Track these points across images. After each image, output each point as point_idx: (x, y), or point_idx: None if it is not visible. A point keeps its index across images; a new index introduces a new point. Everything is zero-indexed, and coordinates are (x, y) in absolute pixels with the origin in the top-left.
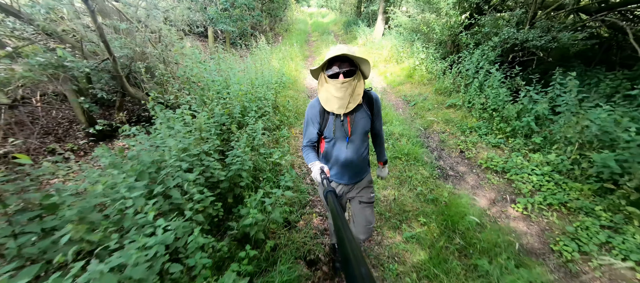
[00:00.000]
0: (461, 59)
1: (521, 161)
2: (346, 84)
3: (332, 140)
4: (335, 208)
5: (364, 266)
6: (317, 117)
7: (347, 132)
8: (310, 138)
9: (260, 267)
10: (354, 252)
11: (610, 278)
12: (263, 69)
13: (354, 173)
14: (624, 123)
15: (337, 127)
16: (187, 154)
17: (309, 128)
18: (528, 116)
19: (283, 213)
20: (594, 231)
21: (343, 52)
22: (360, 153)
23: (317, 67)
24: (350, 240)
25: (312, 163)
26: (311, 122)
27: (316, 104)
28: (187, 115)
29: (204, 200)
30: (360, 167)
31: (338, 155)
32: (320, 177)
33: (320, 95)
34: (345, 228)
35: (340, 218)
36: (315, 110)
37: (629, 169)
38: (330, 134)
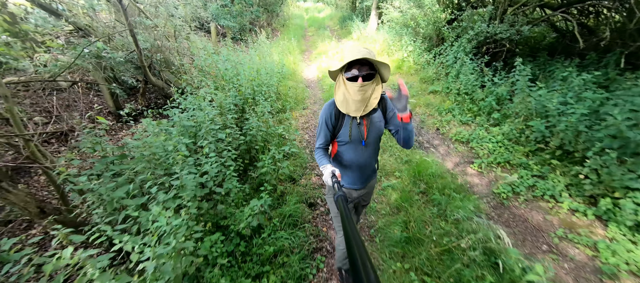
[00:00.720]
0: (443, 51)
1: (483, 133)
2: (365, 87)
3: (346, 143)
4: (345, 213)
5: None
6: (332, 119)
7: (363, 135)
8: (324, 139)
9: (273, 204)
10: (362, 257)
11: (531, 208)
12: (265, 61)
13: (367, 177)
14: (554, 98)
15: (353, 129)
16: (215, 122)
17: (324, 129)
18: (490, 97)
19: (288, 168)
20: (526, 179)
21: (363, 56)
22: (374, 158)
23: (336, 69)
24: (359, 245)
25: (324, 166)
26: (326, 124)
27: (331, 105)
28: (211, 93)
29: (232, 152)
30: (373, 170)
31: (354, 158)
32: (332, 180)
33: (337, 97)
34: (354, 233)
35: (349, 223)
36: (330, 111)
37: (554, 132)
38: (345, 136)
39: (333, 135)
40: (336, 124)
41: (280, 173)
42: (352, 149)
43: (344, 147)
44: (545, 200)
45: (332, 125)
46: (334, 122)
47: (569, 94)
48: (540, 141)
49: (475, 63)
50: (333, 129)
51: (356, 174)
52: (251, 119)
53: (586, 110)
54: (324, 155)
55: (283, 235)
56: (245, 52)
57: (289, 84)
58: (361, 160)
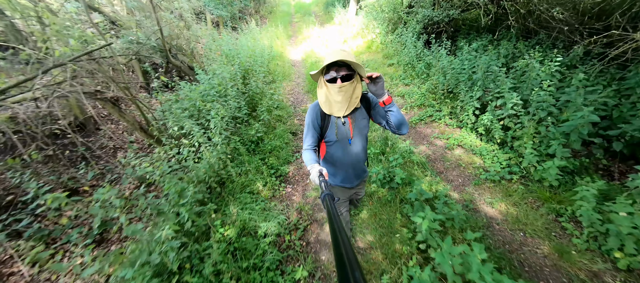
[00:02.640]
0: (402, 31)
1: (415, 90)
2: (344, 87)
3: (334, 142)
4: (332, 211)
5: (357, 270)
6: (318, 120)
7: (349, 133)
8: (311, 141)
9: (268, 130)
10: (348, 256)
11: (427, 127)
12: (256, 45)
13: (357, 174)
14: (455, 62)
15: (339, 129)
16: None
17: (310, 131)
18: (421, 64)
19: (278, 112)
20: (429, 111)
21: (339, 58)
22: (362, 155)
23: (317, 71)
24: (346, 244)
25: (311, 166)
26: (312, 125)
27: (316, 106)
28: (224, 65)
29: (243, 100)
30: (362, 168)
31: (342, 157)
32: (319, 179)
33: (320, 98)
34: (340, 231)
35: (336, 221)
36: (316, 112)
37: (454, 83)
38: (332, 136)
39: (320, 136)
40: (322, 124)
41: (272, 116)
42: (340, 148)
43: (332, 146)
44: (436, 121)
45: (319, 126)
46: (320, 123)
47: (464, 59)
48: (449, 90)
49: (416, 40)
50: (320, 129)
51: (348, 172)
52: (252, 81)
53: (465, 67)
54: (311, 156)
55: (276, 142)
56: (238, 39)
57: (277, 62)
58: (350, 158)
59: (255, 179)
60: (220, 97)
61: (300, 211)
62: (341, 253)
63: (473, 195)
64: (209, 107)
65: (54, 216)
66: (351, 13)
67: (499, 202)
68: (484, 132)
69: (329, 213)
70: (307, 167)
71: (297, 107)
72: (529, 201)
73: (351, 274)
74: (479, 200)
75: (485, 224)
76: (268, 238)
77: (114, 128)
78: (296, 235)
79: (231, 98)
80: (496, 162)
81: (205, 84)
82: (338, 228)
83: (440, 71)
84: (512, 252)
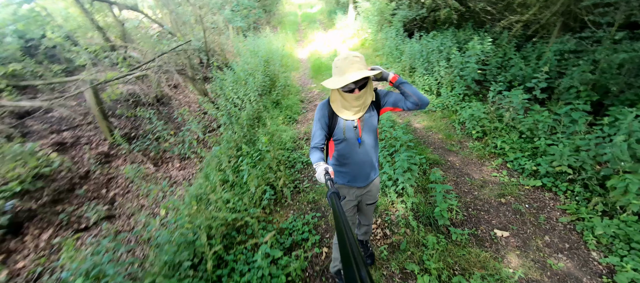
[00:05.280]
0: (386, 30)
1: (392, 70)
2: (361, 93)
3: (342, 141)
4: (338, 210)
5: (363, 269)
6: (326, 119)
7: (358, 133)
8: (318, 139)
9: (283, 97)
10: (354, 255)
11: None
12: (271, 46)
13: (366, 174)
14: (415, 46)
15: (347, 128)
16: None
17: (318, 129)
18: (396, 52)
19: (290, 88)
20: None
21: (364, 75)
22: (372, 154)
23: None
24: (351, 243)
25: (316, 164)
26: (320, 124)
27: (325, 105)
28: (250, 57)
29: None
30: (372, 167)
31: (351, 155)
32: (325, 178)
33: (334, 104)
34: (347, 230)
35: (342, 220)
36: (324, 111)
37: (414, 61)
38: (340, 135)
39: (329, 134)
40: (330, 123)
41: (285, 90)
42: (348, 147)
43: (341, 145)
44: None
45: (327, 125)
46: (328, 122)
47: (428, 43)
48: (407, 67)
49: (395, 35)
50: (328, 128)
51: (355, 171)
52: (270, 67)
53: (421, 49)
54: (317, 154)
55: (290, 101)
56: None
57: (287, 60)
58: (359, 157)
59: (278, 115)
60: (250, 76)
61: (304, 134)
62: (347, 251)
63: (411, 120)
64: (245, 81)
65: (164, 140)
66: (350, 18)
67: (423, 122)
68: (428, 89)
69: (335, 211)
70: (313, 164)
71: (304, 86)
72: (441, 119)
73: (358, 272)
74: (413, 121)
75: (413, 130)
76: (289, 139)
77: (178, 103)
78: (303, 141)
79: (258, 75)
80: (430, 104)
81: (239, 68)
82: (344, 226)
83: (407, 54)
84: (424, 137)
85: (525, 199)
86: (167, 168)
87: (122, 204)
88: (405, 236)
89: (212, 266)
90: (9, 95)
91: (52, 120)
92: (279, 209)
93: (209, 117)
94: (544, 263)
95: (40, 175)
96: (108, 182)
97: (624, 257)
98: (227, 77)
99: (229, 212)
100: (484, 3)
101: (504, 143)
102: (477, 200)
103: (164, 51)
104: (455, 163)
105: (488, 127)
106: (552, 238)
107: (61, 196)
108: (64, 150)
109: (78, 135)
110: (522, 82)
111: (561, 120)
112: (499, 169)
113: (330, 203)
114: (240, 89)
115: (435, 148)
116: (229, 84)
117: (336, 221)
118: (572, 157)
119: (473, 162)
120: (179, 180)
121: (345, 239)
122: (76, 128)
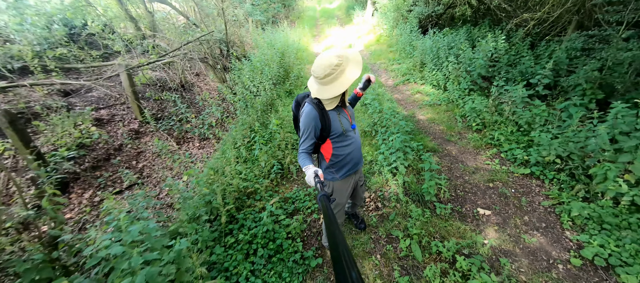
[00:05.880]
0: (402, 27)
1: (403, 66)
2: None
3: (340, 135)
4: (329, 212)
5: (354, 269)
6: (318, 122)
7: (350, 120)
8: (308, 145)
9: (296, 87)
10: (345, 256)
11: (405, 86)
12: (288, 40)
13: (361, 156)
14: (427, 42)
15: (342, 120)
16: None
17: (310, 134)
18: (409, 48)
19: (303, 79)
20: (406, 78)
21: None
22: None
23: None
24: (343, 244)
25: (306, 167)
26: (314, 128)
27: (314, 110)
28: (267, 49)
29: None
30: None
31: (350, 145)
32: (314, 180)
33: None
34: (337, 231)
35: (333, 222)
36: (314, 114)
37: (419, 55)
38: (338, 128)
39: (326, 134)
40: (324, 125)
41: (297, 81)
42: (347, 137)
43: (339, 139)
44: (411, 82)
45: (320, 129)
46: (321, 126)
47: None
48: (418, 63)
49: (409, 31)
50: (322, 130)
51: (356, 156)
52: (286, 59)
53: (432, 45)
54: (307, 158)
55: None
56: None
57: (302, 53)
58: (356, 142)
59: (290, 103)
60: (266, 66)
61: None
62: (338, 253)
63: (415, 112)
64: (261, 71)
65: (186, 122)
66: (368, 14)
67: (427, 114)
68: (436, 84)
69: (326, 213)
70: (302, 168)
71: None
72: (445, 112)
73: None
74: (418, 113)
75: (416, 121)
76: None
77: (199, 90)
78: None
79: (273, 66)
80: (434, 97)
81: (256, 59)
82: (335, 228)
83: (419, 51)
84: (425, 128)
85: (512, 185)
86: (188, 147)
87: (149, 174)
88: (394, 209)
89: (225, 221)
90: (57, 75)
91: (92, 99)
92: (284, 182)
93: (227, 103)
94: (519, 237)
95: (82, 144)
96: (138, 155)
97: (594, 236)
98: (245, 67)
99: (241, 181)
100: (499, 0)
101: (501, 135)
102: (467, 183)
103: (188, 41)
104: (452, 151)
105: (488, 119)
106: (531, 219)
107: (99, 163)
108: (102, 125)
109: (113, 113)
110: (525, 78)
111: (558, 115)
112: (492, 158)
113: (321, 206)
114: (256, 78)
115: (435, 138)
116: (247, 73)
117: (327, 223)
118: (561, 148)
119: (469, 152)
120: (199, 157)
121: (336, 241)
122: (111, 107)
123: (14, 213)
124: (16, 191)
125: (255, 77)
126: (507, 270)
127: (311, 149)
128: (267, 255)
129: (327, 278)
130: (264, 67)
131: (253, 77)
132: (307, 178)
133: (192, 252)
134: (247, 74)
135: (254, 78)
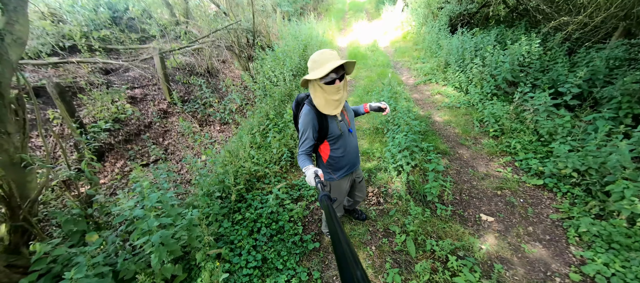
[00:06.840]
0: (430, 24)
1: (427, 66)
2: (342, 85)
3: (338, 137)
4: (331, 212)
5: (359, 268)
6: (315, 123)
7: (347, 123)
8: (307, 146)
9: None
10: (349, 254)
11: (425, 86)
12: (312, 31)
13: (358, 156)
14: (453, 42)
15: (339, 123)
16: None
17: (309, 135)
18: (435, 46)
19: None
20: (428, 78)
21: (341, 63)
22: (355, 136)
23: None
24: (346, 243)
25: (306, 168)
26: (312, 130)
27: (310, 113)
28: (291, 40)
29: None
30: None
31: (347, 147)
32: (315, 181)
33: (317, 101)
34: (340, 230)
35: (335, 221)
36: (312, 116)
37: (443, 55)
38: (335, 131)
39: (324, 136)
40: (321, 126)
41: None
42: (344, 140)
43: (336, 141)
44: (432, 82)
45: (317, 130)
46: (318, 127)
47: (466, 40)
48: (443, 63)
49: (438, 30)
50: (320, 131)
51: (352, 158)
52: (309, 51)
53: (459, 45)
54: (306, 159)
55: None
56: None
57: (327, 47)
58: (352, 144)
59: None
60: (287, 57)
61: None
62: (342, 252)
63: (433, 113)
64: (283, 62)
65: (209, 106)
66: (397, 9)
67: (445, 116)
68: (458, 86)
69: (327, 213)
70: (302, 169)
71: None
72: (464, 115)
73: (353, 273)
74: (435, 115)
75: (432, 122)
76: None
77: (224, 76)
78: None
79: (295, 57)
80: (453, 99)
81: (279, 50)
82: (338, 227)
83: (445, 50)
84: (440, 130)
85: (522, 194)
86: (210, 130)
87: (173, 152)
88: (395, 206)
89: (235, 199)
90: (100, 54)
91: (128, 78)
92: (293, 170)
93: (248, 90)
94: (519, 246)
95: (118, 119)
96: (164, 133)
97: (600, 254)
98: (268, 57)
99: (253, 164)
100: (538, 0)
101: (518, 143)
102: (474, 188)
103: (217, 29)
104: (464, 155)
105: (507, 126)
106: (536, 230)
107: (131, 138)
108: (135, 103)
109: (146, 92)
110: (552, 86)
111: (584, 127)
112: (505, 166)
113: (323, 206)
114: (277, 68)
115: (448, 141)
116: (269, 62)
117: (329, 223)
118: (579, 161)
119: (482, 157)
120: (218, 140)
121: (340, 240)
122: (144, 87)
123: (59, 173)
124: (61, 154)
125: (276, 67)
126: (500, 276)
127: (310, 150)
128: (269, 234)
129: (322, 261)
130: (286, 58)
131: (274, 67)
132: (307, 179)
133: (203, 223)
134: (269, 64)
135: (275, 68)
